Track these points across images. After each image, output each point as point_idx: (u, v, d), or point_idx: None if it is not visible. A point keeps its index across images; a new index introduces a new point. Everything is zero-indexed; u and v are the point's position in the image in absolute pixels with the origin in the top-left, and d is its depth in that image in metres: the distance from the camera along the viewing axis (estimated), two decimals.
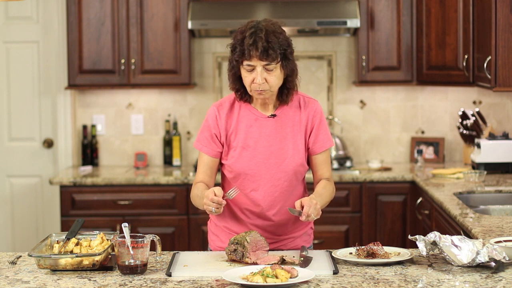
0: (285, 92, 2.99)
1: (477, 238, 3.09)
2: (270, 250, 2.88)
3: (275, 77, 2.91)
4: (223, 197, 2.79)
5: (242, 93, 3.01)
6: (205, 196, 2.81)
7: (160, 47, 5.40)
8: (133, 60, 5.39)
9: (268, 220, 3.03)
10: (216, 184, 3.07)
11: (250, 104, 3.03)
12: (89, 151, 5.69)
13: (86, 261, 2.62)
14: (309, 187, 3.13)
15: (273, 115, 3.01)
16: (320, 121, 3.05)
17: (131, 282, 2.53)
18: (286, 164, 2.99)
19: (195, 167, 5.32)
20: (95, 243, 2.76)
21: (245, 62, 2.89)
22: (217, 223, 3.14)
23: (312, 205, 2.81)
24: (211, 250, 3.16)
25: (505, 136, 4.98)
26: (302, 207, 2.81)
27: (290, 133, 3.01)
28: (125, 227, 2.62)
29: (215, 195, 2.77)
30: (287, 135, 3.01)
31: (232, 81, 2.99)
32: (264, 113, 3.02)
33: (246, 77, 2.92)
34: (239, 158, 2.99)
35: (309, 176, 3.15)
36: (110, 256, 2.75)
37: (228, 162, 3.02)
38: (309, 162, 3.08)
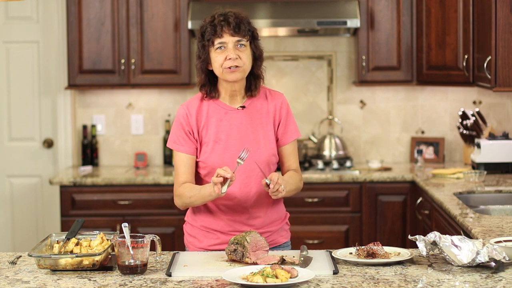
0: (253, 82, 3.05)
1: (477, 238, 3.09)
2: None
3: (246, 55, 2.97)
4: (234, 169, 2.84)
5: (208, 89, 3.05)
6: (216, 173, 2.81)
7: (160, 47, 5.40)
8: (133, 60, 5.39)
9: (244, 213, 3.05)
10: None
11: (218, 99, 3.07)
12: (89, 151, 5.69)
13: (86, 261, 2.62)
14: None
15: (242, 107, 3.06)
16: (287, 112, 3.11)
17: (131, 282, 2.53)
18: (259, 155, 3.01)
19: None
20: (95, 243, 2.76)
21: (217, 41, 2.95)
22: (193, 223, 3.15)
23: (280, 177, 2.86)
24: None
25: (505, 136, 4.98)
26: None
27: (259, 124, 3.06)
28: (125, 227, 2.62)
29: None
30: (257, 126, 3.05)
31: (201, 73, 3.03)
32: (233, 106, 3.06)
33: (217, 57, 2.96)
34: (212, 153, 3.01)
35: None
36: (110, 256, 2.75)
37: (201, 158, 3.04)
38: (277, 153, 3.11)
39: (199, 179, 3.09)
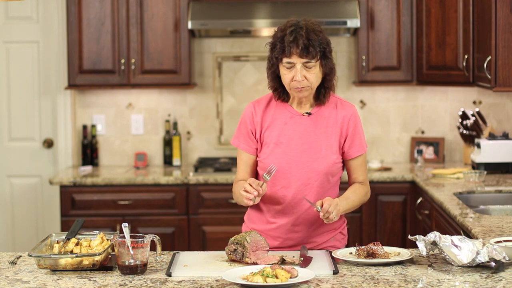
0: (322, 91, 3.01)
1: (477, 238, 3.09)
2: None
3: (314, 75, 2.93)
4: (261, 184, 2.85)
5: (280, 92, 3.03)
6: (243, 186, 2.87)
7: (160, 47, 5.40)
8: (133, 60, 5.39)
9: (294, 220, 3.03)
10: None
11: (286, 103, 3.06)
12: (89, 151, 5.69)
13: (86, 261, 2.62)
14: (343, 187, 3.14)
15: (308, 113, 3.03)
16: (355, 126, 3.05)
17: (131, 282, 2.53)
18: (318, 164, 2.99)
19: (195, 168, 5.32)
20: (95, 243, 2.76)
21: (285, 60, 2.91)
22: (248, 224, 3.16)
23: (333, 204, 2.83)
24: None
25: (505, 136, 4.98)
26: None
27: (324, 133, 3.02)
28: (125, 227, 2.62)
29: (251, 185, 2.84)
30: (320, 135, 3.02)
31: (271, 79, 3.02)
32: (299, 111, 3.04)
33: (286, 75, 2.94)
34: (271, 154, 3.01)
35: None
36: (110, 256, 2.75)
37: (260, 158, 3.05)
38: (344, 164, 3.09)
39: (259, 177, 3.09)
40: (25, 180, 5.79)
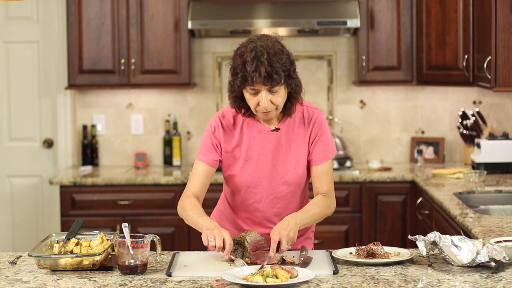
0: (289, 105, 2.93)
1: (477, 238, 3.09)
2: None
3: (280, 97, 2.85)
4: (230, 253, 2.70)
5: (245, 110, 2.94)
6: (214, 233, 2.69)
7: (160, 47, 5.40)
8: (133, 60, 5.39)
9: (268, 229, 3.02)
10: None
11: (253, 117, 2.98)
12: (89, 151, 5.69)
13: (86, 261, 2.62)
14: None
15: (277, 129, 2.97)
16: (322, 132, 2.98)
17: (131, 282, 2.53)
18: (289, 177, 2.96)
19: None
20: (95, 243, 2.76)
21: (249, 87, 2.82)
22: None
23: (282, 234, 2.70)
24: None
25: (505, 136, 4.98)
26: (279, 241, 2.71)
27: (293, 145, 2.97)
28: (125, 227, 2.62)
29: (224, 242, 2.68)
30: (290, 148, 2.97)
31: (234, 101, 2.92)
32: (267, 126, 2.97)
33: (251, 100, 2.85)
34: (242, 171, 2.97)
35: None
36: (110, 256, 2.75)
37: (232, 173, 2.99)
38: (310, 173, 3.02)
39: (229, 192, 3.06)
40: (25, 180, 5.79)
